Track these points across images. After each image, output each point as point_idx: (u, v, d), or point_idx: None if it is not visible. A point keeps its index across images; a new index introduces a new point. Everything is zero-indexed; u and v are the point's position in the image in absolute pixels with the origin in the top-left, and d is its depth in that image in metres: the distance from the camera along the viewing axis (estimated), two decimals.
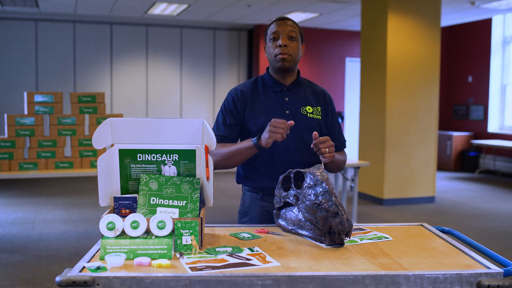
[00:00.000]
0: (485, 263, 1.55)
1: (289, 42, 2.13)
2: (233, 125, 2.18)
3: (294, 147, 2.15)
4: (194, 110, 10.57)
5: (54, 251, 4.57)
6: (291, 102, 2.18)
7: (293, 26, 2.16)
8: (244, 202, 2.27)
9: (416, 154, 6.98)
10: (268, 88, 2.21)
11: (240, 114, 2.18)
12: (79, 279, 1.37)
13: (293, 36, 2.14)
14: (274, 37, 2.15)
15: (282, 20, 2.17)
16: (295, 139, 2.15)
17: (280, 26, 2.14)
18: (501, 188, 8.25)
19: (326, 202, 1.70)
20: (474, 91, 10.18)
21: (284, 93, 2.20)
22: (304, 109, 2.19)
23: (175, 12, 8.79)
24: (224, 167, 2.13)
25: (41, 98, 5.00)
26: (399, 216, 6.20)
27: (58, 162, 4.97)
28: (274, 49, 2.15)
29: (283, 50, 2.11)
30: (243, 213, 2.26)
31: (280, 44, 2.12)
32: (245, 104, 2.18)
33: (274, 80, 2.22)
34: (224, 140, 2.17)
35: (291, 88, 2.21)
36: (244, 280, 1.39)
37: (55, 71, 9.69)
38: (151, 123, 1.80)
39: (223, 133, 2.18)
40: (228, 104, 2.21)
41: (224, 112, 2.21)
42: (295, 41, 2.15)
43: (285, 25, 2.14)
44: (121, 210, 1.77)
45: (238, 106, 2.18)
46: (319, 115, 2.20)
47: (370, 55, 7.10)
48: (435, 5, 6.94)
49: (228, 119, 2.19)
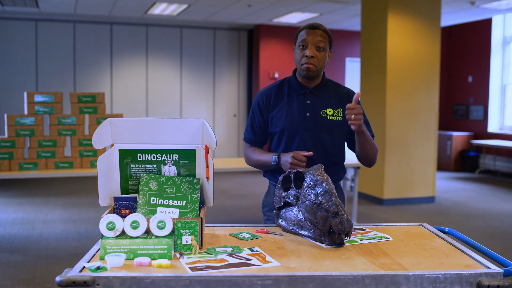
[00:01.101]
0: (485, 263, 1.55)
1: (317, 52, 2.17)
2: (258, 129, 2.32)
3: (313, 147, 2.21)
4: (194, 110, 10.57)
5: (54, 251, 4.57)
6: (312, 105, 2.24)
7: (322, 36, 2.19)
8: (268, 192, 2.39)
9: (416, 154, 6.97)
10: (293, 91, 2.28)
11: (265, 117, 2.29)
12: (79, 279, 1.37)
13: (321, 46, 2.18)
14: (303, 45, 2.19)
15: (313, 29, 2.19)
16: (315, 141, 2.22)
17: (310, 35, 2.18)
18: (501, 188, 8.25)
19: (326, 202, 1.70)
20: (474, 91, 10.18)
21: (307, 96, 2.25)
22: (325, 111, 2.24)
23: (175, 12, 8.79)
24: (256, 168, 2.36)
25: (41, 98, 5.00)
26: (399, 216, 6.20)
27: (58, 162, 4.97)
28: (301, 58, 2.19)
29: (310, 61, 2.17)
30: (266, 203, 2.37)
31: (307, 54, 2.16)
32: (269, 107, 2.28)
33: (299, 83, 2.28)
34: (253, 142, 2.35)
35: (314, 91, 2.26)
36: (244, 280, 1.39)
37: (55, 71, 9.69)
38: (151, 123, 1.80)
39: (251, 136, 2.34)
40: (255, 108, 2.32)
41: (252, 115, 2.34)
42: (323, 51, 2.19)
43: (315, 34, 2.17)
44: (121, 210, 1.77)
45: (263, 109, 2.29)
46: (340, 116, 2.24)
47: (370, 55, 7.09)
48: (435, 5, 6.94)
49: (255, 123, 2.32)
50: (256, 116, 2.32)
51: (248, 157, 2.37)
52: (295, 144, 2.23)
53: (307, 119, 2.22)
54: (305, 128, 2.22)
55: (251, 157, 2.34)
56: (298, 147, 2.22)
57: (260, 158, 2.28)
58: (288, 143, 2.25)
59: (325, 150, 2.23)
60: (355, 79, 10.60)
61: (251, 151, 2.35)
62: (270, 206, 2.34)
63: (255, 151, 2.33)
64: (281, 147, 2.27)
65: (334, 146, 2.26)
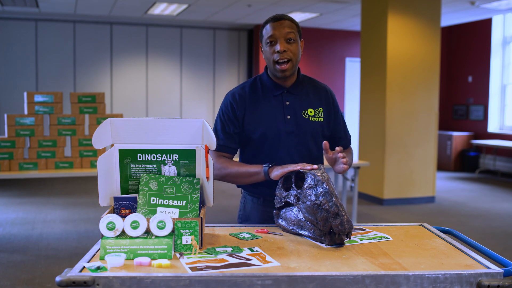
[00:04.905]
0: (485, 263, 1.54)
1: (288, 45, 1.99)
2: (232, 133, 2.07)
3: (296, 153, 2.06)
4: (194, 110, 10.57)
5: (54, 251, 4.57)
6: (292, 106, 2.07)
7: (290, 26, 1.99)
8: (244, 206, 2.19)
9: (416, 154, 6.97)
10: (268, 91, 2.09)
11: (239, 121, 2.06)
12: (79, 279, 1.37)
13: (291, 38, 1.99)
14: (270, 41, 1.99)
15: (277, 21, 2.00)
16: (297, 145, 2.06)
17: (276, 28, 1.98)
18: (501, 188, 8.25)
19: (326, 203, 1.70)
20: (474, 91, 10.18)
21: (285, 96, 2.08)
22: (306, 112, 2.07)
23: (175, 12, 8.79)
24: (228, 182, 2.06)
25: (41, 98, 5.00)
26: (399, 216, 6.20)
27: (58, 162, 4.97)
28: (272, 54, 2.00)
29: (283, 56, 1.98)
30: (244, 217, 2.18)
31: (278, 50, 1.97)
32: (245, 110, 2.06)
33: (274, 83, 2.09)
34: (224, 149, 2.07)
35: (291, 90, 2.09)
36: (244, 280, 1.39)
37: (55, 71, 9.69)
38: (151, 123, 1.80)
39: (224, 142, 2.06)
40: (227, 110, 2.07)
41: (223, 118, 2.08)
42: (294, 42, 2.00)
43: (282, 26, 1.98)
44: (121, 210, 1.77)
45: (237, 112, 2.06)
46: (321, 117, 2.09)
47: (370, 55, 7.09)
48: (435, 5, 6.94)
49: (227, 127, 2.07)
50: (229, 119, 2.06)
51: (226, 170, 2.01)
52: (279, 150, 2.04)
53: (289, 122, 2.04)
54: (288, 132, 2.04)
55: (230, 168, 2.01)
56: (279, 151, 2.03)
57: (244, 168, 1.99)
58: (270, 149, 2.05)
59: (309, 154, 2.08)
60: (355, 79, 10.60)
61: (224, 161, 2.04)
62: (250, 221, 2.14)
63: (229, 161, 2.05)
64: (262, 154, 2.06)
65: (317, 150, 2.11)
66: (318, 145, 2.10)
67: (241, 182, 2.04)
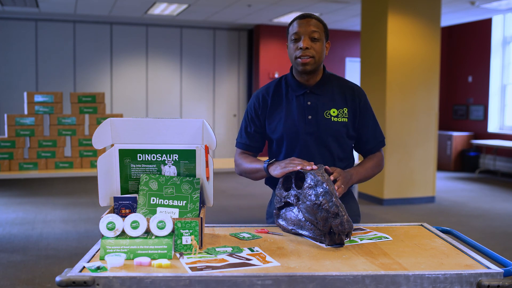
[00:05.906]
0: (485, 263, 1.54)
1: (312, 43, 1.98)
2: (254, 133, 2.10)
3: (318, 154, 2.04)
4: (194, 110, 10.57)
5: (54, 251, 4.57)
6: (314, 106, 2.03)
7: (316, 25, 1.99)
8: (271, 202, 2.20)
9: (416, 154, 6.97)
10: (291, 91, 2.07)
11: (261, 121, 2.09)
12: (79, 279, 1.37)
13: (315, 37, 1.98)
14: (295, 38, 1.99)
15: (304, 19, 2.00)
16: (318, 146, 2.04)
17: (302, 26, 1.98)
18: (501, 188, 8.25)
19: (326, 203, 1.70)
20: (474, 91, 10.18)
21: (307, 96, 2.05)
22: (328, 112, 2.03)
23: (175, 12, 8.79)
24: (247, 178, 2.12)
25: (41, 98, 5.00)
26: (399, 216, 6.19)
27: (58, 162, 4.97)
28: (295, 51, 1.99)
29: (305, 53, 1.96)
30: (269, 214, 2.19)
31: (301, 46, 1.96)
32: (266, 110, 2.08)
33: (297, 82, 2.07)
34: (247, 148, 2.13)
35: (314, 90, 2.05)
36: (244, 280, 1.39)
37: (55, 71, 9.69)
38: (151, 123, 1.80)
39: (245, 141, 2.12)
40: (250, 110, 2.11)
41: (247, 118, 2.12)
42: (318, 41, 1.99)
43: (308, 25, 1.98)
44: (121, 210, 1.77)
45: (259, 112, 2.08)
46: (345, 117, 2.04)
47: (370, 55, 7.09)
48: (435, 5, 6.94)
49: (249, 127, 2.11)
50: (252, 119, 2.10)
51: (241, 166, 2.10)
52: (297, 151, 2.03)
53: (309, 123, 2.02)
54: (308, 133, 2.03)
55: (244, 165, 2.08)
56: (300, 154, 2.02)
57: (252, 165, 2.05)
58: (289, 150, 2.05)
59: (331, 155, 2.05)
60: (355, 79, 10.59)
61: (242, 157, 2.11)
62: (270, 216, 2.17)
63: (247, 158, 2.10)
64: (281, 155, 2.08)
65: (341, 151, 2.07)
66: (342, 145, 2.07)
67: (253, 177, 2.09)
